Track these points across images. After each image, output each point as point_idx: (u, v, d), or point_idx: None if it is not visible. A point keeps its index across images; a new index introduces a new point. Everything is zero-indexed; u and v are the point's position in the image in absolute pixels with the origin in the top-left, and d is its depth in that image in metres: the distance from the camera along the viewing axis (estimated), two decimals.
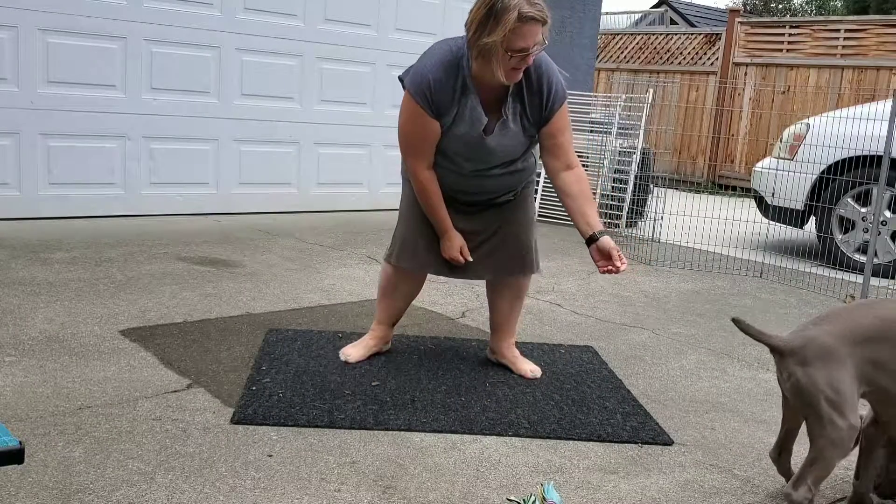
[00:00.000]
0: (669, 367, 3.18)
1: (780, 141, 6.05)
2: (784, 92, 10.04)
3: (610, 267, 2.62)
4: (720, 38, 10.80)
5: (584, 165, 6.40)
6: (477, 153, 2.67)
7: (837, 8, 25.64)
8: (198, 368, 2.76)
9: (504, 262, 2.86)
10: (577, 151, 7.40)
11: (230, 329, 3.20)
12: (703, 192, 9.29)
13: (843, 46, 9.66)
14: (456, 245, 2.77)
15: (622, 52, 12.01)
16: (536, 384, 2.84)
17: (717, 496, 2.15)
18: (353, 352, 2.94)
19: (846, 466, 2.39)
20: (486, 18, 2.44)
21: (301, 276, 4.12)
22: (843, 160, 5.39)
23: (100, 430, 2.25)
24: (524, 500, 1.95)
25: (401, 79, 2.67)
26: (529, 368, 2.92)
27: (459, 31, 2.63)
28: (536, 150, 2.82)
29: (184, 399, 2.50)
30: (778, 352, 1.99)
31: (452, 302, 3.86)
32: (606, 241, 2.62)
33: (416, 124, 2.63)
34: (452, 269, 2.85)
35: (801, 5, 28.96)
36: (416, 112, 2.60)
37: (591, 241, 2.64)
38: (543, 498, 1.98)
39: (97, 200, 5.21)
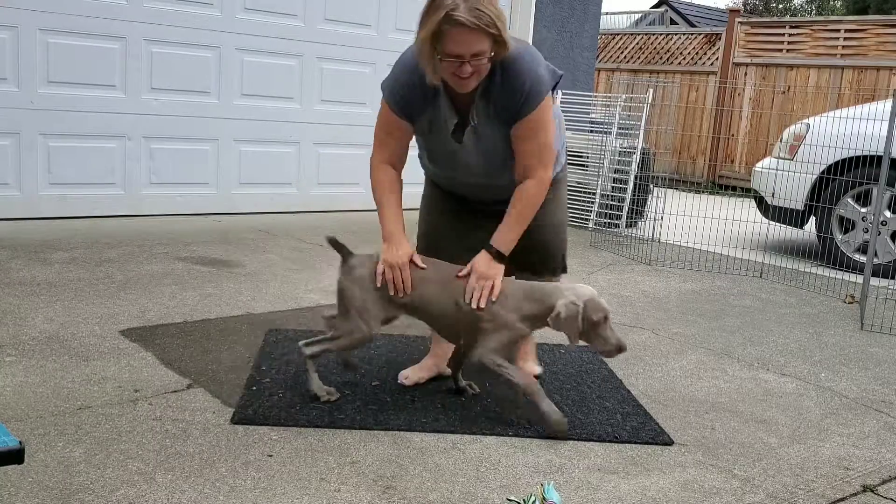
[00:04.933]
0: (669, 367, 3.18)
1: (780, 141, 6.05)
2: (784, 92, 10.04)
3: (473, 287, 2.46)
4: (720, 39, 10.80)
5: (583, 166, 6.46)
6: (459, 161, 2.57)
7: (837, 8, 25.64)
8: (198, 368, 2.76)
9: (526, 261, 2.66)
10: (576, 152, 7.35)
11: (230, 329, 3.20)
12: (703, 192, 9.29)
13: (843, 46, 9.66)
14: (395, 255, 2.51)
15: (622, 52, 12.01)
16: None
17: (717, 496, 2.15)
18: (410, 373, 2.78)
19: (847, 466, 2.39)
20: (424, 12, 2.33)
21: (301, 276, 4.12)
22: (843, 160, 5.39)
23: (100, 430, 2.25)
24: (524, 500, 1.95)
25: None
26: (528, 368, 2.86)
27: None
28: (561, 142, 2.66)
29: (184, 399, 2.50)
30: None
31: None
32: (481, 259, 2.47)
33: (383, 118, 2.57)
34: None
35: (801, 5, 28.96)
36: (384, 109, 2.55)
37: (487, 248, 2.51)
38: (543, 498, 1.99)
39: (97, 200, 5.21)
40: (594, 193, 6.40)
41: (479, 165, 2.57)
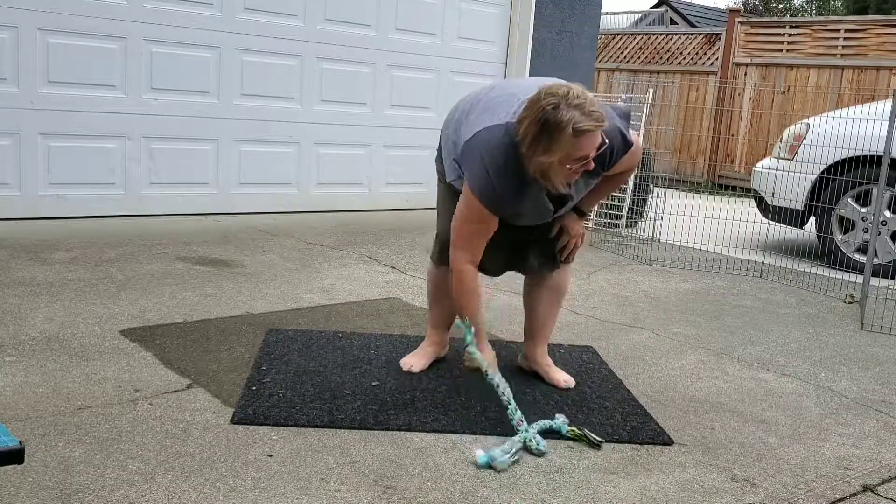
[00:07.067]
0: (669, 367, 3.18)
1: (780, 141, 6.05)
2: (784, 92, 10.04)
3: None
4: (720, 39, 10.80)
5: None
6: (539, 220, 2.69)
7: (837, 8, 25.65)
8: (198, 368, 2.76)
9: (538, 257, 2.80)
10: None
11: (230, 329, 3.20)
12: (703, 192, 9.29)
13: (843, 46, 9.66)
14: (485, 360, 2.53)
15: (622, 52, 12.01)
16: (536, 384, 2.84)
17: (717, 496, 2.16)
18: (414, 361, 2.88)
19: (847, 466, 2.39)
20: (539, 136, 2.30)
21: (301, 276, 4.12)
22: (843, 160, 5.39)
23: (100, 430, 2.25)
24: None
25: (456, 162, 2.57)
26: (563, 378, 2.84)
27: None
28: None
29: (184, 399, 2.50)
30: None
31: None
32: (573, 219, 2.76)
33: (478, 222, 2.53)
34: (499, 267, 2.80)
35: (801, 5, 28.97)
36: (481, 213, 2.50)
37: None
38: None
39: (97, 200, 5.21)
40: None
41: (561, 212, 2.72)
